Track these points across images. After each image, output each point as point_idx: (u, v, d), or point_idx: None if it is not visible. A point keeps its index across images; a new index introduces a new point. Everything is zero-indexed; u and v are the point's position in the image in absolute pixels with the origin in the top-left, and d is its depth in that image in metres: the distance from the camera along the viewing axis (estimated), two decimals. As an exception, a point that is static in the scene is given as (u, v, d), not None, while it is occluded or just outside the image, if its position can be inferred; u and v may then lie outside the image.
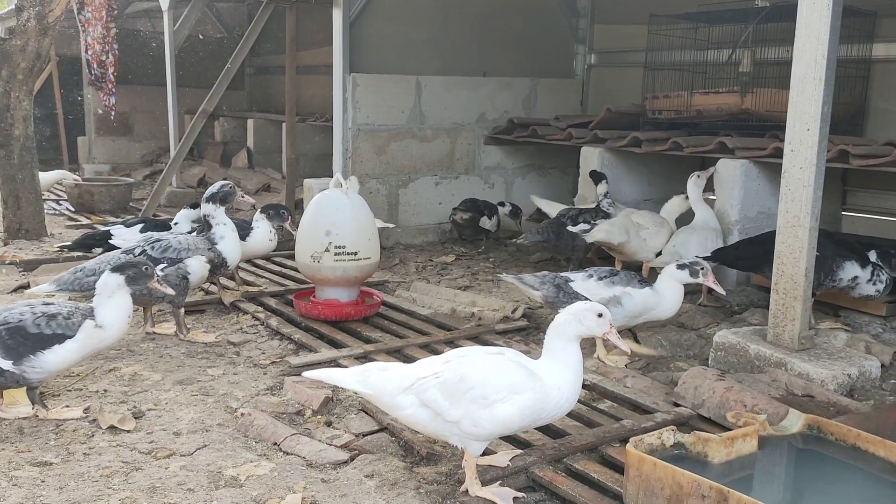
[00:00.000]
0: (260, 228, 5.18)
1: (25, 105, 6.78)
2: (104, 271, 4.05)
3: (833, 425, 2.83)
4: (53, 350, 3.18)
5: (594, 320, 2.77)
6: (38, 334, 3.17)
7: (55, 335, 3.19)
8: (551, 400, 2.71)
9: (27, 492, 2.72)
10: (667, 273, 4.08)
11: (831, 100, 3.60)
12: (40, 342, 3.17)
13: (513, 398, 2.66)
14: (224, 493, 2.74)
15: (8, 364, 3.14)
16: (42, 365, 3.18)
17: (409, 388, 2.72)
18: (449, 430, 2.72)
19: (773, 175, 5.37)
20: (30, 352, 3.15)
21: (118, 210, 8.72)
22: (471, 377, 2.68)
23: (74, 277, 4.12)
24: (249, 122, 11.31)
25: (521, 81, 7.65)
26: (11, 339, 3.14)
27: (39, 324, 3.20)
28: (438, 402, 2.68)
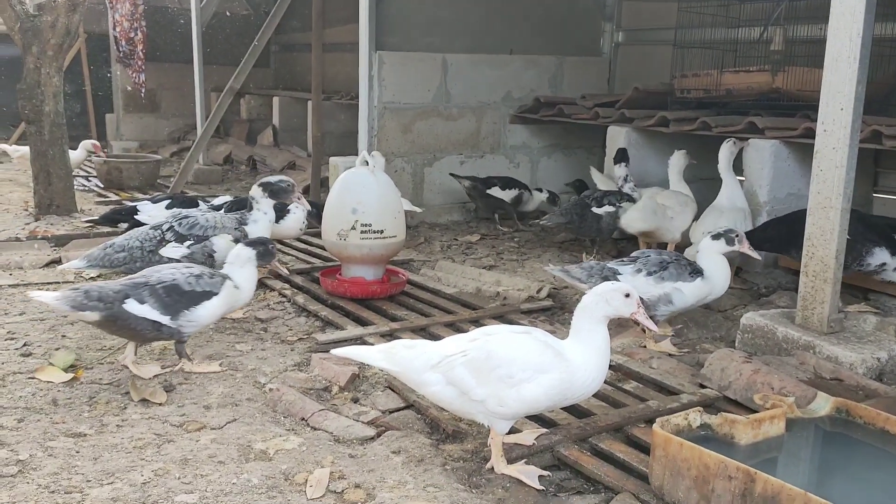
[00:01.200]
0: (296, 214, 5.24)
1: (55, 81, 6.84)
2: (133, 247, 4.14)
3: (862, 409, 2.81)
4: (203, 305, 3.53)
5: (621, 300, 2.77)
6: (190, 292, 3.52)
7: (204, 292, 3.55)
8: (577, 380, 2.71)
9: (62, 462, 2.79)
10: (705, 249, 4.04)
11: (866, 79, 3.54)
12: (193, 299, 3.52)
13: (539, 377, 2.67)
14: (254, 466, 2.79)
15: (166, 319, 3.46)
16: (195, 319, 3.53)
17: (435, 365, 2.75)
18: (475, 409, 2.74)
19: (804, 156, 5.29)
20: (184, 307, 3.49)
21: (146, 186, 8.80)
22: (498, 355, 2.70)
23: (104, 254, 4.18)
24: (275, 100, 11.33)
25: (548, 59, 7.58)
26: (168, 297, 3.47)
27: (191, 282, 3.54)
28: (465, 381, 2.70)
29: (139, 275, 3.60)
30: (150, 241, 4.24)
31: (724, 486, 2.34)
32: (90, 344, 3.96)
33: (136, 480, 2.67)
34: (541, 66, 7.54)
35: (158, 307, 3.44)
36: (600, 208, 5.62)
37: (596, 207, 5.63)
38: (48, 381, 3.47)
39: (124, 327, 3.44)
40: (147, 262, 4.19)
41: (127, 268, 4.19)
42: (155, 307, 3.43)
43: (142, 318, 3.41)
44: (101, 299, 3.38)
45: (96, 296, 3.38)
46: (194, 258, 4.27)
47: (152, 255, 4.21)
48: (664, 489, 2.55)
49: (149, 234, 4.27)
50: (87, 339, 4.01)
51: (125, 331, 3.49)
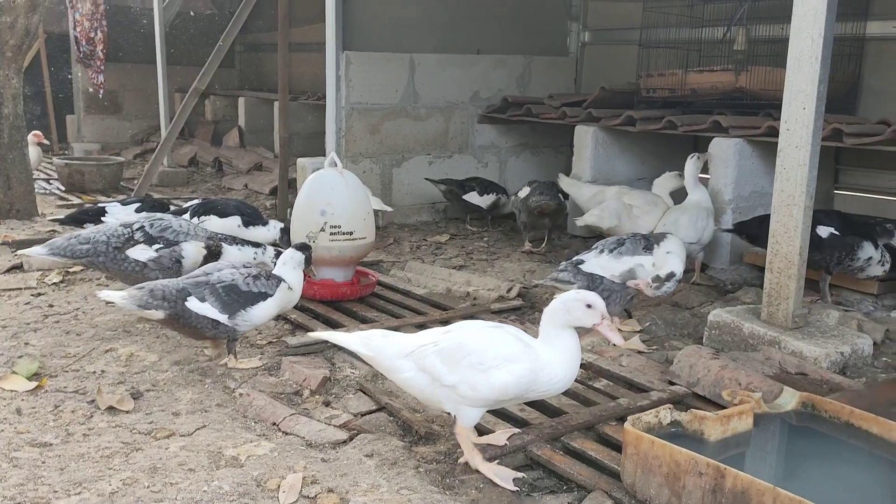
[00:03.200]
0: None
1: (15, 83, 6.70)
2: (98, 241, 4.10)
3: (827, 403, 2.87)
4: (259, 306, 3.66)
5: (582, 310, 2.74)
6: (247, 292, 3.64)
7: (260, 293, 3.67)
8: (545, 373, 2.74)
9: (28, 472, 2.73)
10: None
11: (828, 79, 3.61)
12: (249, 299, 3.64)
13: (508, 365, 2.71)
14: (225, 473, 2.76)
15: (224, 318, 3.59)
16: (249, 318, 3.65)
17: (409, 353, 2.81)
18: (445, 395, 2.78)
19: (767, 154, 5.38)
20: (241, 307, 3.62)
21: (109, 189, 8.66)
22: (469, 345, 2.75)
23: (68, 244, 4.11)
24: (241, 101, 11.23)
25: (515, 59, 7.61)
26: (227, 296, 3.60)
27: (248, 283, 3.67)
28: (436, 368, 2.75)
29: (199, 272, 3.77)
30: (118, 238, 4.17)
31: (695, 483, 2.37)
32: (54, 351, 3.88)
33: (104, 490, 2.62)
34: (508, 65, 7.56)
35: (218, 306, 3.58)
36: None
37: None
38: (11, 390, 3.40)
39: (186, 325, 3.60)
40: (111, 258, 4.13)
41: (88, 261, 4.13)
42: (214, 306, 3.58)
43: (202, 317, 3.56)
44: (165, 298, 3.53)
45: (160, 295, 3.54)
46: (161, 262, 4.21)
47: (118, 251, 4.14)
48: (636, 486, 2.57)
49: (117, 230, 4.20)
50: (51, 347, 3.93)
51: (186, 328, 3.64)
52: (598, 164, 6.40)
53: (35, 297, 4.75)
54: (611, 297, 4.10)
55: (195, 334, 3.71)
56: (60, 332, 4.14)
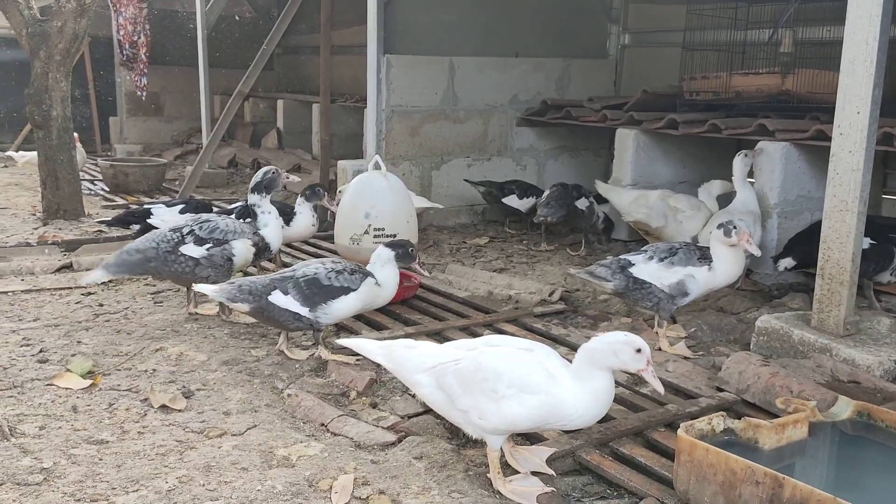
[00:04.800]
0: (303, 213, 5.26)
1: (63, 86, 6.85)
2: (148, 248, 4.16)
3: (883, 412, 2.82)
4: (340, 300, 3.76)
5: (630, 355, 2.59)
6: (329, 286, 3.75)
7: (342, 287, 3.77)
8: (564, 410, 2.61)
9: (86, 469, 2.79)
10: (713, 239, 4.08)
11: (882, 82, 3.55)
12: (331, 293, 3.75)
13: (522, 396, 2.60)
14: (278, 473, 2.79)
15: (305, 311, 3.72)
16: (330, 312, 3.77)
17: (429, 368, 2.76)
18: (461, 418, 2.73)
19: (814, 158, 5.31)
20: (322, 301, 3.73)
21: (152, 190, 8.81)
22: (486, 368, 2.65)
23: (121, 260, 4.18)
24: (279, 103, 11.35)
25: (554, 62, 7.59)
26: (308, 290, 3.73)
27: (330, 277, 3.78)
28: (453, 388, 2.70)
29: (289, 269, 3.91)
30: (168, 243, 4.24)
31: (752, 492, 2.34)
32: (106, 350, 3.96)
33: (161, 488, 2.67)
34: (547, 68, 7.55)
35: (299, 299, 3.71)
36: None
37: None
38: (67, 388, 3.47)
39: (270, 317, 3.76)
40: (163, 261, 4.20)
41: (142, 269, 4.20)
42: (296, 299, 3.71)
43: (284, 310, 3.71)
44: (251, 293, 3.73)
45: (247, 290, 3.74)
46: (213, 261, 4.28)
47: (169, 254, 4.21)
48: (689, 494, 2.55)
49: (167, 235, 4.27)
50: (103, 345, 4.01)
51: (271, 321, 3.81)
52: (639, 168, 6.36)
53: (85, 296, 4.85)
54: (658, 306, 4.07)
55: (280, 326, 3.86)
56: (111, 331, 4.22)
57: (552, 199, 6.02)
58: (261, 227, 4.55)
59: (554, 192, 6.10)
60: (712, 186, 5.60)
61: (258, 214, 4.59)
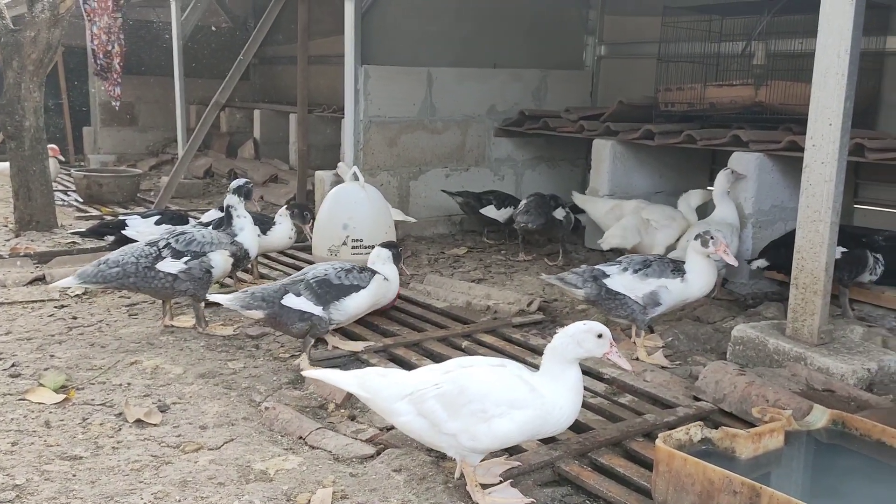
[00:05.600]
0: (282, 224, 5.23)
1: (36, 96, 6.77)
2: (127, 262, 4.11)
3: (858, 421, 2.85)
4: (351, 297, 3.84)
5: (594, 342, 2.68)
6: (339, 285, 3.83)
7: (352, 286, 3.86)
8: (552, 417, 2.66)
9: (60, 486, 2.74)
10: (689, 250, 4.11)
11: (854, 95, 3.60)
12: (342, 291, 3.82)
13: (512, 413, 2.62)
14: (255, 488, 2.76)
15: (318, 310, 3.76)
16: (344, 309, 3.83)
17: (407, 395, 2.69)
18: (446, 443, 2.69)
19: (787, 168, 5.38)
20: (334, 299, 3.79)
21: (127, 201, 8.72)
22: (471, 390, 2.64)
23: (98, 270, 4.13)
24: (256, 113, 11.29)
25: (532, 73, 7.64)
26: (320, 289, 3.79)
27: (340, 276, 3.85)
28: (436, 414, 2.64)
29: (298, 273, 3.97)
30: (146, 258, 4.20)
31: (730, 502, 2.36)
32: (80, 363, 3.91)
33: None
34: (525, 79, 7.59)
35: (312, 299, 3.77)
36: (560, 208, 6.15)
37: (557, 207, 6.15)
38: (39, 403, 3.42)
39: (283, 322, 3.79)
40: (142, 277, 4.15)
41: (119, 283, 4.15)
42: (309, 299, 3.77)
43: (298, 311, 3.76)
44: (265, 299, 3.76)
45: (260, 296, 3.77)
46: (192, 274, 4.24)
47: (148, 270, 4.17)
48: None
49: (144, 250, 4.23)
50: (77, 359, 3.95)
51: (283, 326, 3.83)
52: (615, 178, 6.40)
53: (58, 308, 4.78)
54: (631, 316, 4.09)
55: (292, 331, 3.86)
56: (85, 345, 4.17)
57: (531, 207, 6.06)
58: (237, 232, 4.54)
59: (532, 200, 6.13)
60: (691, 197, 5.64)
61: (233, 218, 4.57)
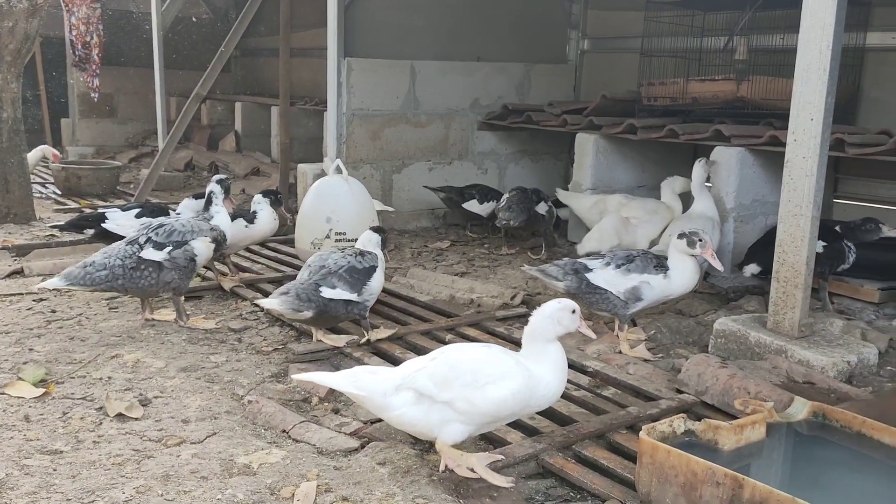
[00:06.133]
0: (263, 211, 5.15)
1: (14, 87, 6.67)
2: (114, 265, 4.07)
3: (838, 412, 2.88)
4: (374, 277, 4.00)
5: (570, 318, 2.83)
6: (362, 269, 3.97)
7: (371, 267, 4.02)
8: (539, 391, 2.76)
9: (40, 480, 2.71)
10: (672, 247, 4.11)
11: (835, 90, 3.63)
12: (365, 274, 3.97)
13: (504, 381, 2.71)
14: (238, 481, 2.74)
15: (354, 296, 3.90)
16: (371, 290, 3.99)
17: (399, 385, 2.74)
18: (438, 417, 2.71)
19: (768, 163, 5.42)
20: (363, 283, 3.94)
21: (106, 194, 8.62)
22: (461, 366, 2.73)
23: (85, 272, 4.05)
24: (237, 105, 11.20)
25: (515, 67, 7.63)
26: (350, 277, 3.91)
27: (360, 261, 4.00)
28: (429, 388, 2.71)
29: (311, 267, 3.98)
30: (131, 258, 4.15)
31: (713, 493, 2.37)
32: (59, 357, 3.86)
33: (117, 498, 2.61)
34: (508, 73, 7.58)
35: (347, 288, 3.89)
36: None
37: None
38: (18, 397, 3.38)
39: (328, 314, 3.89)
40: (129, 278, 4.11)
41: (108, 285, 4.10)
42: (344, 288, 3.88)
43: (340, 301, 3.87)
44: (310, 299, 3.83)
45: (305, 297, 3.83)
46: (177, 263, 4.21)
47: (133, 271, 4.13)
48: (651, 496, 2.57)
49: (126, 250, 4.17)
50: (56, 353, 3.91)
51: (328, 318, 3.92)
52: (598, 172, 6.42)
53: (37, 302, 4.72)
54: (612, 310, 4.11)
55: (335, 321, 4.00)
56: (65, 338, 4.12)
57: (513, 204, 6.04)
58: (213, 215, 4.56)
59: (514, 196, 6.11)
60: (675, 183, 5.63)
61: (212, 203, 4.58)
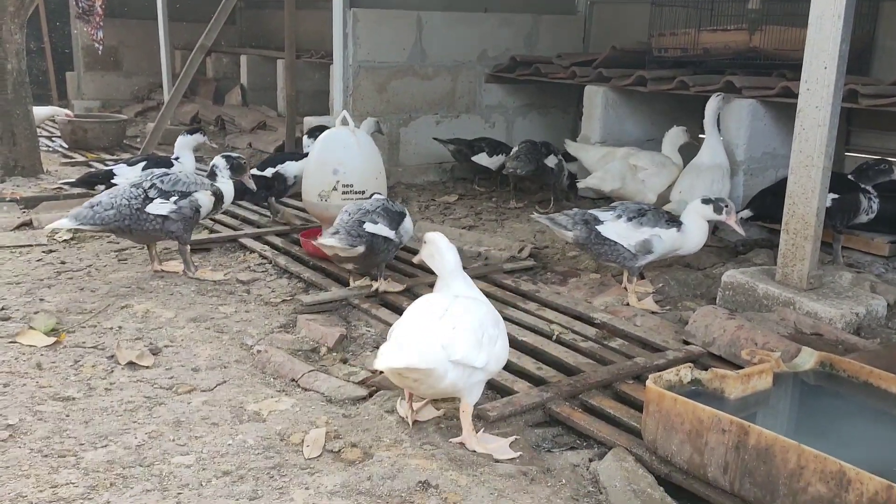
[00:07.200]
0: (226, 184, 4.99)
1: (17, 38, 6.61)
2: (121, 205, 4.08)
3: (845, 362, 2.89)
4: (406, 220, 4.20)
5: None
6: (395, 211, 4.11)
7: (402, 212, 4.20)
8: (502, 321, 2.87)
9: (53, 426, 2.75)
10: (692, 208, 4.09)
11: (849, 38, 3.56)
12: (399, 214, 4.13)
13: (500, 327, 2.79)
14: (249, 427, 2.78)
15: (392, 234, 4.00)
16: (405, 231, 4.15)
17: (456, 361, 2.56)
18: (473, 377, 2.64)
19: (779, 115, 5.35)
20: (398, 223, 4.08)
21: (113, 147, 8.60)
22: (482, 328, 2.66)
23: (94, 212, 4.07)
24: (243, 58, 11.09)
25: (523, 17, 7.51)
26: (388, 215, 4.02)
27: (392, 205, 4.14)
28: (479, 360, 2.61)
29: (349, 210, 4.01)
30: (136, 199, 4.16)
31: (718, 440, 2.39)
32: (70, 307, 3.89)
33: (130, 443, 2.65)
34: (516, 24, 7.46)
35: (387, 224, 3.99)
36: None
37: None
38: (30, 345, 3.41)
39: (374, 252, 3.94)
40: (136, 219, 4.12)
41: (116, 225, 4.11)
42: (385, 225, 3.98)
43: (381, 237, 3.94)
44: (359, 235, 3.87)
45: (355, 233, 3.87)
46: (182, 213, 4.23)
47: (139, 212, 4.14)
48: (657, 443, 2.60)
49: (132, 192, 4.18)
50: (67, 303, 3.93)
51: (373, 257, 3.97)
52: (607, 126, 6.36)
53: (46, 253, 4.74)
54: (621, 262, 4.10)
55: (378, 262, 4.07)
56: (75, 289, 4.14)
57: (522, 154, 6.03)
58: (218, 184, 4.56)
59: (523, 147, 6.10)
60: (673, 135, 5.55)
61: (217, 175, 4.56)
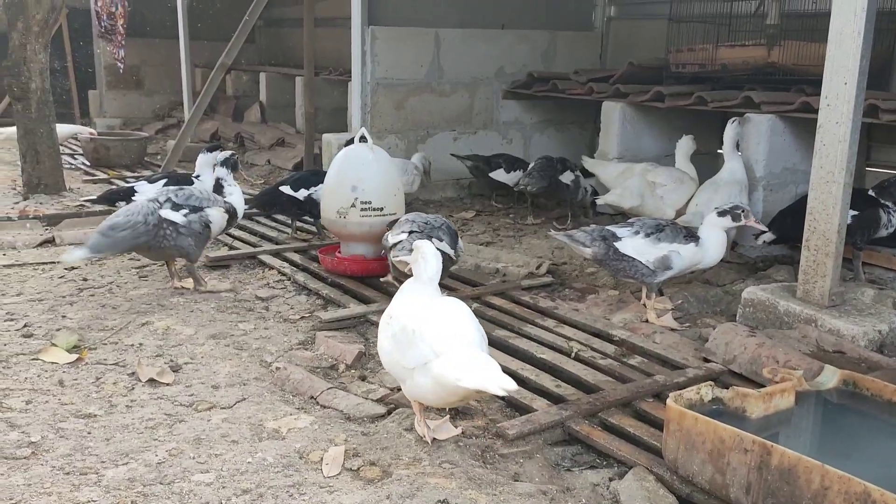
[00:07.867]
0: None
1: (41, 58, 6.71)
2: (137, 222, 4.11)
3: (869, 381, 2.85)
4: (461, 240, 4.36)
5: None
6: (454, 230, 4.30)
7: (457, 231, 4.35)
8: None
9: (75, 443, 2.77)
10: (709, 222, 4.08)
11: (870, 54, 3.55)
12: (456, 235, 4.30)
13: None
14: (268, 445, 2.79)
15: (452, 252, 4.16)
16: (460, 251, 4.31)
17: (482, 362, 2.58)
18: None
19: (799, 130, 5.32)
20: (456, 241, 4.26)
21: (134, 165, 8.70)
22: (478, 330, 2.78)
23: (108, 239, 4.02)
24: (262, 76, 11.19)
25: (540, 34, 7.53)
26: (448, 233, 4.19)
27: (451, 224, 4.32)
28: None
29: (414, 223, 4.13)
30: (153, 215, 4.21)
31: (740, 460, 2.37)
32: (91, 324, 3.93)
33: (150, 461, 2.66)
34: (533, 40, 7.49)
35: (449, 241, 4.16)
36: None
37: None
38: (52, 362, 3.45)
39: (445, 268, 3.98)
40: (153, 235, 4.16)
41: (132, 244, 4.15)
42: (449, 243, 4.15)
43: (447, 255, 4.07)
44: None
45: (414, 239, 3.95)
46: (192, 228, 4.28)
47: (156, 227, 4.19)
48: (678, 463, 2.57)
49: (149, 206, 4.23)
50: (89, 320, 3.97)
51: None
52: (625, 141, 6.35)
53: (69, 270, 4.80)
54: (639, 279, 4.08)
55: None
56: (96, 306, 4.18)
57: (535, 171, 6.05)
58: (227, 196, 4.69)
59: (538, 163, 6.11)
60: (684, 145, 5.52)
61: (224, 186, 4.75)
